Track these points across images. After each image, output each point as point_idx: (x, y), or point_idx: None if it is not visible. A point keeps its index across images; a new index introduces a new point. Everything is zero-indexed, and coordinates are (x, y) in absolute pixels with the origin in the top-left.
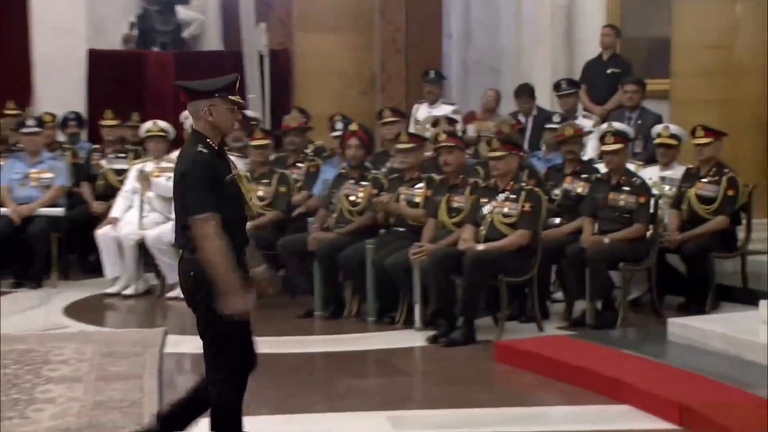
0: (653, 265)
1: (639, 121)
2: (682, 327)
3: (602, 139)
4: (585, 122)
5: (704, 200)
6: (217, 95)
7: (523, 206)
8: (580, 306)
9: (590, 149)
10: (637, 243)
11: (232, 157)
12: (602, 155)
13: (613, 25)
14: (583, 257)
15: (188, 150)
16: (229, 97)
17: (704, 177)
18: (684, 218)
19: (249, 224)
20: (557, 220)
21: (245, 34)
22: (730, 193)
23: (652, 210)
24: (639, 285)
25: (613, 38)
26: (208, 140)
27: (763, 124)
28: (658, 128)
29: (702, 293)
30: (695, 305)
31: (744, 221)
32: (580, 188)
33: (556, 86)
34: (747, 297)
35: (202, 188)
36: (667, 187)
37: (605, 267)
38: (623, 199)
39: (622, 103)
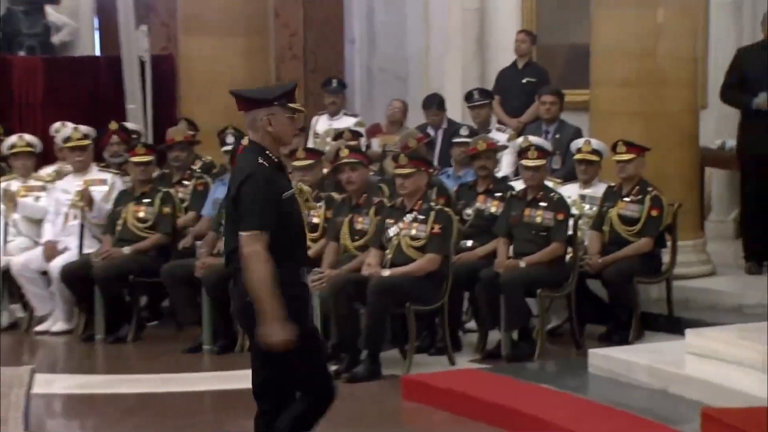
0: (573, 292)
1: (557, 135)
2: (604, 358)
3: (523, 154)
4: (499, 136)
5: (627, 221)
6: (276, 103)
7: (432, 228)
8: (494, 336)
9: (505, 165)
10: (555, 267)
11: (108, 175)
12: (523, 170)
13: (529, 31)
14: (498, 283)
15: (246, 162)
16: (289, 104)
17: (627, 196)
18: (605, 240)
19: (127, 249)
20: (469, 243)
21: (124, 38)
22: (654, 213)
23: (571, 230)
24: (558, 313)
25: (528, 45)
26: (267, 152)
27: (689, 138)
28: (578, 143)
29: (625, 322)
30: (618, 335)
31: (669, 243)
32: (494, 207)
33: (468, 97)
34: (673, 325)
35: (257, 203)
36: (587, 207)
37: (522, 293)
38: (540, 215)
39: (539, 115)
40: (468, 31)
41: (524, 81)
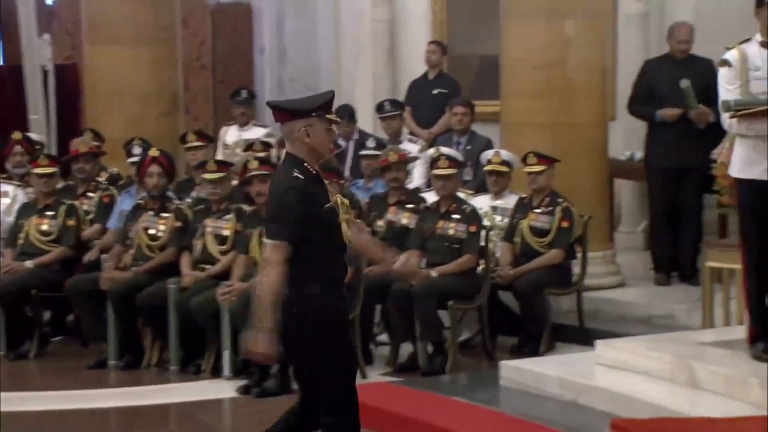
0: (484, 303)
1: (468, 146)
2: (516, 370)
3: (435, 163)
4: (410, 147)
5: (538, 232)
6: (314, 114)
7: None
8: (406, 349)
9: (416, 176)
10: (467, 279)
11: (9, 187)
12: (434, 180)
13: (439, 41)
14: (410, 295)
15: (283, 176)
16: (327, 116)
17: (537, 207)
18: (517, 252)
19: (30, 263)
20: None
21: (26, 47)
22: (565, 224)
23: (483, 242)
24: (469, 325)
25: (439, 56)
26: (305, 164)
27: (598, 150)
28: (487, 154)
29: (536, 333)
30: (529, 346)
31: (579, 255)
32: (406, 219)
33: (379, 107)
34: (583, 337)
35: (287, 215)
36: (498, 218)
37: (434, 305)
38: (453, 227)
39: (451, 126)
40: (379, 41)
41: (435, 92)
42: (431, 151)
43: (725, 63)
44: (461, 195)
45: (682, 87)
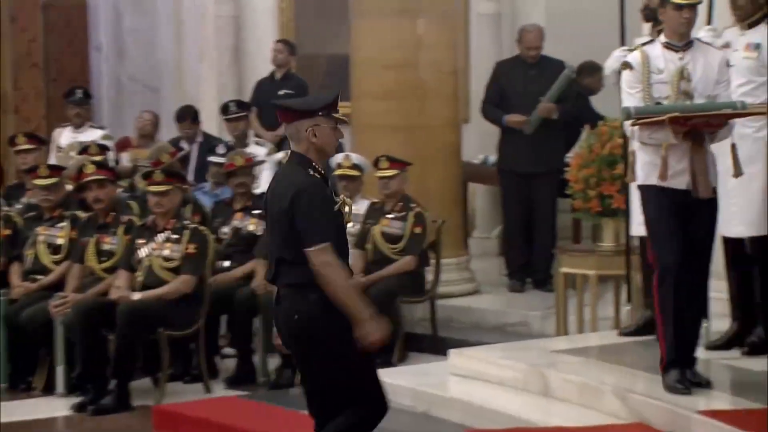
0: None
1: None
2: None
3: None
4: (258, 150)
5: (390, 238)
6: (320, 114)
7: (186, 248)
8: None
9: (264, 181)
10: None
11: None
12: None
13: (286, 40)
14: (257, 305)
15: (294, 176)
16: (333, 114)
17: (390, 212)
18: (368, 259)
19: None
20: (227, 263)
21: None
22: (417, 230)
23: None
24: None
25: (286, 55)
26: (314, 164)
27: (452, 153)
28: (337, 158)
29: (389, 343)
30: (381, 357)
31: (433, 261)
32: (253, 225)
33: (224, 109)
34: (437, 346)
35: (320, 217)
36: (350, 225)
37: None
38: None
39: None
40: (223, 39)
41: (282, 93)
42: (280, 154)
43: (627, 66)
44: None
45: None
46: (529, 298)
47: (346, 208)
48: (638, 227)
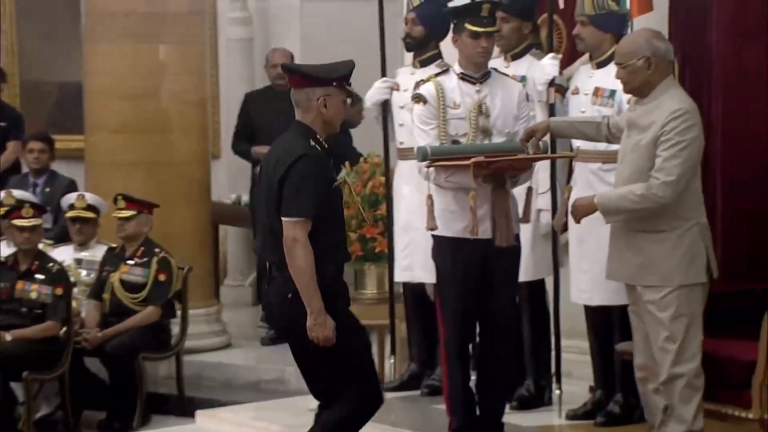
0: (67, 373)
1: (47, 189)
2: None
3: (13, 213)
4: None
5: (131, 287)
6: (334, 84)
7: None
8: None
9: None
10: (46, 345)
11: None
12: (13, 233)
13: None
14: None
15: (295, 143)
16: (346, 87)
17: (130, 258)
18: (106, 310)
19: None
20: None
21: None
22: (162, 277)
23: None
24: (49, 399)
25: None
26: (318, 136)
27: (200, 192)
28: (70, 198)
29: (128, 405)
30: (120, 421)
31: (179, 312)
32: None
33: None
34: (183, 407)
35: (307, 188)
36: (84, 272)
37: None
38: (35, 289)
39: (29, 164)
40: None
41: None
42: (1, 194)
43: (419, 99)
44: (40, 246)
45: None
46: (286, 352)
47: (347, 190)
48: (402, 273)
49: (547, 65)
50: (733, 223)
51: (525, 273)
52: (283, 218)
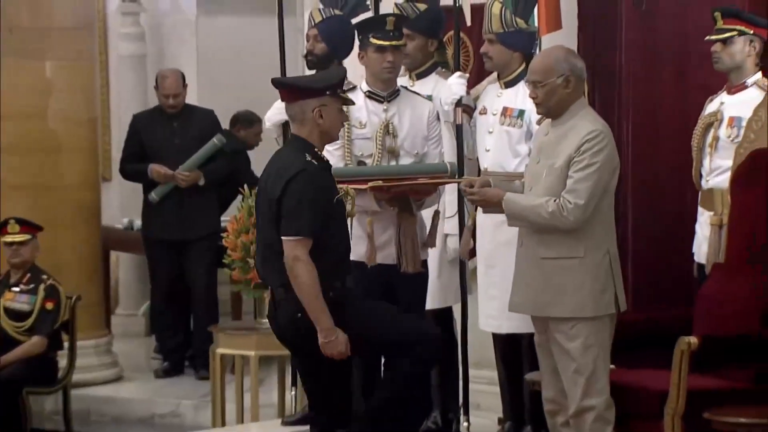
0: None
1: None
2: None
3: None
4: None
5: (15, 316)
6: (328, 93)
7: None
8: None
9: None
10: None
11: None
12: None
13: None
14: None
15: (290, 159)
16: (340, 94)
17: (16, 285)
18: None
19: None
20: None
21: None
22: (49, 306)
23: None
24: None
25: None
26: (315, 149)
27: (89, 216)
28: None
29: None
30: None
31: (67, 344)
32: None
33: None
34: None
35: (305, 205)
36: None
37: None
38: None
39: None
40: None
41: None
42: None
43: None
44: None
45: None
46: (182, 384)
47: (349, 199)
48: None
49: (454, 84)
50: (643, 249)
51: (431, 301)
52: (283, 238)
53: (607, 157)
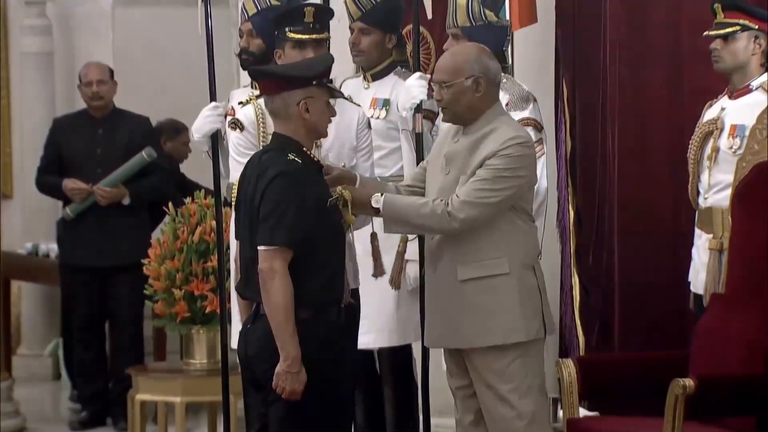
0: None
1: None
2: None
3: None
4: None
5: None
6: (314, 83)
7: None
8: None
9: None
10: None
11: None
12: None
13: None
14: None
15: (272, 160)
16: (327, 84)
17: None
18: None
19: None
20: None
21: None
22: None
23: None
24: None
25: None
26: (303, 147)
27: None
28: None
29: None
30: None
31: None
32: None
33: None
34: None
35: (286, 211)
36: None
37: None
38: None
39: None
40: None
41: None
42: None
43: (236, 125)
44: None
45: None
46: None
47: (346, 204)
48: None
49: (413, 87)
50: (631, 278)
51: (388, 337)
52: (258, 247)
53: (528, 170)
